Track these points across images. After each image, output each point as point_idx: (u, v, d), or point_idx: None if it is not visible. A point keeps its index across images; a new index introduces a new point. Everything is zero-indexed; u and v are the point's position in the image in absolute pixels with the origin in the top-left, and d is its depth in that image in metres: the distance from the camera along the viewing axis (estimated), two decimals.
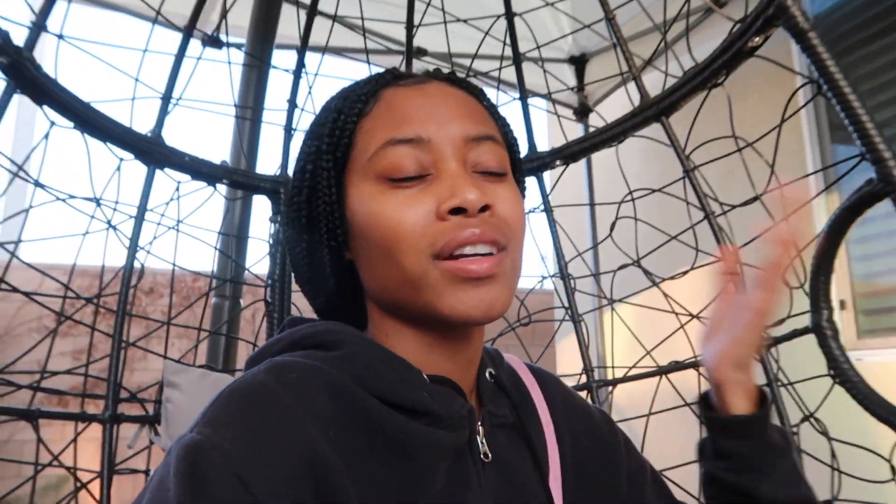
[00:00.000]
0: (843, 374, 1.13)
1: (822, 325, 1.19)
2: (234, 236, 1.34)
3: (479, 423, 0.58)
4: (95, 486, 1.12)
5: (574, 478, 0.65)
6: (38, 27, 0.96)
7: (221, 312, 1.34)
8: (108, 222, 1.14)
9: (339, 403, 0.50)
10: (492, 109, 0.62)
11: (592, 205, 2.58)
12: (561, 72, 2.48)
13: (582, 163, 2.61)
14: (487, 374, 0.63)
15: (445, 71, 0.63)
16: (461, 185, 0.53)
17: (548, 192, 1.57)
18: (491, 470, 0.57)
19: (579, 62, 2.51)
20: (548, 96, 1.49)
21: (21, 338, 3.68)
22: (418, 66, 1.94)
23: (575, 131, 2.44)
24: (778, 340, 1.29)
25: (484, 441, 0.58)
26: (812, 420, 1.22)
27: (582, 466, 0.66)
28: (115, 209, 1.15)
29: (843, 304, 2.37)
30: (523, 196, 0.68)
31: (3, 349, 3.63)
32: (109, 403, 1.13)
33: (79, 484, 1.09)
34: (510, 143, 0.63)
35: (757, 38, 1.16)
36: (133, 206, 1.19)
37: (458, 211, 0.52)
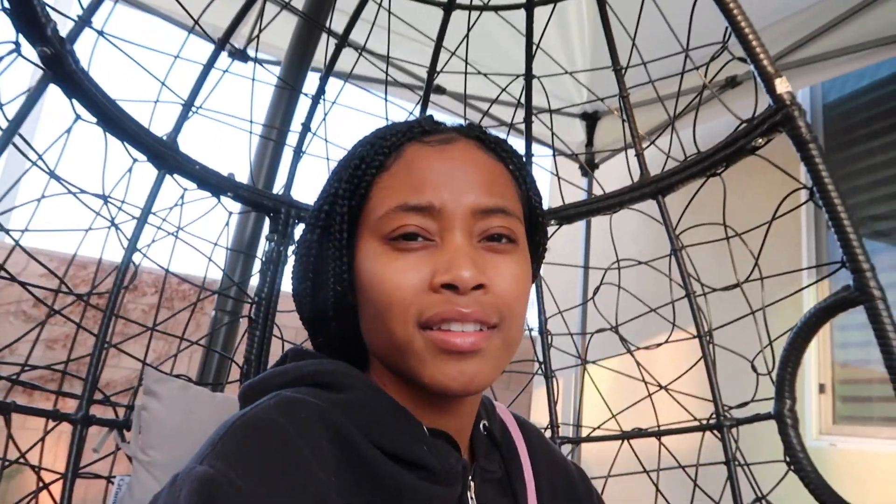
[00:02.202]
0: (798, 462, 1.20)
1: (784, 414, 1.26)
2: (230, 249, 1.33)
3: (471, 478, 0.59)
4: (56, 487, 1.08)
5: None
6: (84, 22, 0.96)
7: (218, 326, 1.32)
8: (112, 221, 1.12)
9: (340, 450, 0.50)
10: (517, 173, 0.62)
11: (579, 267, 2.64)
12: (572, 125, 2.57)
13: (581, 223, 2.68)
14: (482, 427, 0.64)
15: (461, 120, 0.63)
16: (458, 261, 0.52)
17: None
18: None
19: (591, 119, 2.60)
20: (553, 154, 1.54)
21: None
22: (435, 102, 1.97)
23: (578, 190, 2.52)
24: (740, 422, 1.36)
25: (474, 497, 0.58)
26: (764, 502, 1.28)
27: None
28: (120, 208, 1.13)
29: (822, 388, 2.38)
30: (542, 256, 0.69)
31: None
32: (84, 404, 1.10)
33: (41, 484, 1.05)
34: (532, 207, 0.63)
35: (760, 140, 1.24)
36: (136, 206, 1.18)
37: (450, 286, 0.52)
